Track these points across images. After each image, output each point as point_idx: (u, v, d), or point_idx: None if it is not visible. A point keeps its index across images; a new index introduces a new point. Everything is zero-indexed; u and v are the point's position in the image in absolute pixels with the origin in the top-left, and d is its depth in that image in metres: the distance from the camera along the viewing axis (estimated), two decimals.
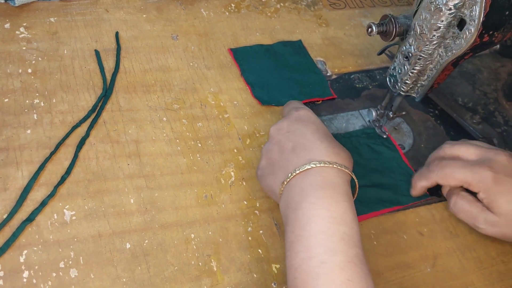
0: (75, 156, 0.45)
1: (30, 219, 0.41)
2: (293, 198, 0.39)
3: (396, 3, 0.75)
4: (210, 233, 0.44)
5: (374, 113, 0.54)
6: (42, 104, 0.48)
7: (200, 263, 0.42)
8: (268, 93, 0.56)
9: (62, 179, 0.44)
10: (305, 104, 0.51)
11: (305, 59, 0.61)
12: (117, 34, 0.57)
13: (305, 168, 0.40)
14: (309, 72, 0.60)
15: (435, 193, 0.52)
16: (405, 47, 0.45)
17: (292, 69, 0.60)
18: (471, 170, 0.45)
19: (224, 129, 0.52)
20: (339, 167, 0.40)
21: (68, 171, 0.44)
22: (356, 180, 0.42)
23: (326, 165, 0.39)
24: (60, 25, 0.56)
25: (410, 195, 0.50)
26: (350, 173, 0.41)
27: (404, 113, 0.55)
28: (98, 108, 0.50)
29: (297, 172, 0.40)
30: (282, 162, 0.42)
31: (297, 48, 0.62)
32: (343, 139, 0.54)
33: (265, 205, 0.47)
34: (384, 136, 0.55)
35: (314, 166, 0.39)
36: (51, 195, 0.42)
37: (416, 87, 0.48)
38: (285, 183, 0.41)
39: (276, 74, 0.59)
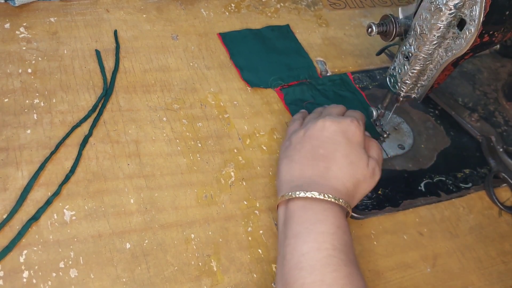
0: (79, 155, 0.46)
1: (35, 217, 0.41)
2: (294, 219, 0.40)
3: (396, 3, 0.75)
4: (210, 233, 0.44)
5: (374, 113, 0.54)
6: (42, 104, 0.48)
7: (200, 263, 0.42)
8: (256, 75, 0.58)
9: (67, 178, 0.44)
10: (293, 85, 0.57)
11: (292, 43, 0.63)
12: (115, 32, 0.57)
13: (316, 197, 0.40)
14: (296, 55, 0.61)
15: (435, 193, 0.52)
16: (405, 47, 0.45)
17: (280, 52, 0.61)
18: None
19: (224, 129, 0.52)
20: (345, 205, 0.41)
21: (73, 170, 0.44)
22: (351, 213, 0.43)
23: (334, 200, 0.40)
24: (60, 25, 0.56)
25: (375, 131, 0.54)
26: (350, 211, 0.42)
27: (397, 104, 0.54)
28: (99, 107, 0.50)
29: (308, 196, 0.40)
30: (302, 161, 0.43)
31: (284, 32, 0.64)
32: (316, 85, 0.58)
33: (265, 205, 0.47)
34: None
35: (323, 198, 0.40)
36: (56, 193, 0.43)
37: (416, 87, 0.48)
38: (293, 196, 0.41)
39: (265, 57, 0.60)
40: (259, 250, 0.44)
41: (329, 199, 0.40)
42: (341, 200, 0.40)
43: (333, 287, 0.36)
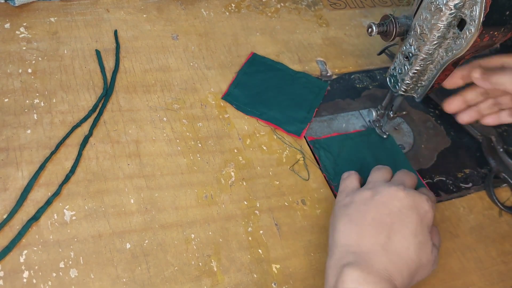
0: (79, 155, 0.46)
1: (35, 217, 0.41)
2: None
3: (396, 3, 0.75)
4: (210, 233, 0.44)
5: (374, 113, 0.54)
6: (42, 104, 0.48)
7: (200, 263, 0.42)
8: (245, 98, 0.54)
9: (67, 178, 0.44)
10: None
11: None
12: (115, 32, 0.57)
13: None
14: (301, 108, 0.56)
15: (436, 193, 0.52)
16: (406, 47, 0.45)
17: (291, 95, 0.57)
18: None
19: (224, 129, 0.52)
20: None
21: (73, 170, 0.44)
22: None
23: None
24: (60, 25, 0.56)
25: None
26: None
27: (404, 112, 0.55)
28: (99, 107, 0.50)
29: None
30: (364, 227, 0.40)
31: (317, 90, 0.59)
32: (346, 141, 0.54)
33: (265, 205, 0.47)
34: (384, 136, 0.55)
35: None
36: (56, 193, 0.43)
37: (416, 87, 0.48)
38: (341, 275, 0.37)
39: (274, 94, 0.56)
40: (259, 250, 0.44)
41: None
42: None
43: None
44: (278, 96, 0.56)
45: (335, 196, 0.50)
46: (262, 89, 0.56)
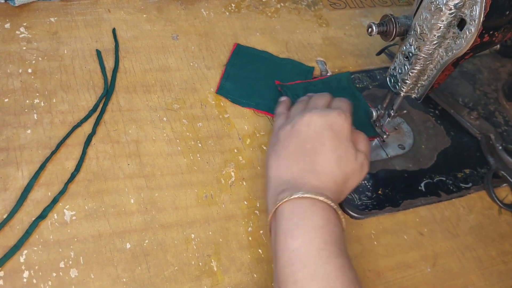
0: (83, 153, 0.46)
1: (42, 216, 0.41)
2: (283, 215, 0.40)
3: (396, 3, 0.75)
4: (210, 233, 0.44)
5: (374, 113, 0.54)
6: (42, 104, 0.48)
7: (200, 263, 0.42)
8: (238, 90, 0.55)
9: (72, 176, 0.44)
10: (289, 85, 0.55)
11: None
12: (114, 30, 0.57)
13: (301, 196, 0.39)
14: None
15: (436, 193, 0.52)
16: (406, 47, 0.45)
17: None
18: None
19: (224, 129, 0.52)
20: (329, 202, 0.40)
21: (78, 168, 0.45)
22: (343, 219, 0.41)
23: (318, 197, 0.39)
24: (60, 25, 0.56)
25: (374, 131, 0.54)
26: (337, 207, 0.41)
27: (405, 111, 0.55)
28: (100, 106, 0.50)
29: (295, 196, 0.39)
30: (289, 157, 0.43)
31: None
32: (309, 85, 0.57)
33: (265, 205, 0.47)
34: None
35: (309, 196, 0.39)
36: (62, 192, 0.43)
37: (416, 87, 0.48)
38: (281, 202, 0.40)
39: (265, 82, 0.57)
40: (260, 250, 0.44)
41: (314, 197, 0.39)
42: (321, 198, 0.39)
43: (325, 280, 0.35)
44: (269, 84, 0.57)
45: None
46: (253, 79, 0.57)
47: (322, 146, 0.43)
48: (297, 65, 0.60)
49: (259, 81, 0.57)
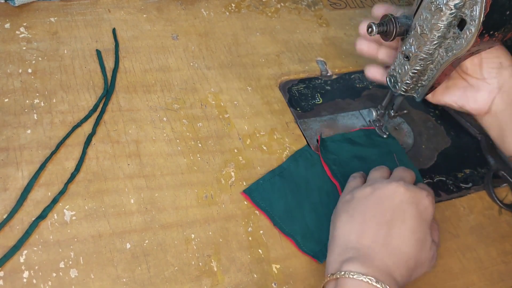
0: (84, 153, 0.46)
1: (42, 216, 0.41)
2: None
3: (396, 3, 0.75)
4: (210, 233, 0.44)
5: (374, 113, 0.54)
6: (42, 104, 0.48)
7: (200, 263, 0.42)
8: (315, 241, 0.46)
9: (72, 176, 0.44)
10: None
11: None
12: (114, 30, 0.57)
13: (370, 282, 0.36)
14: None
15: (436, 193, 0.52)
16: (406, 47, 0.45)
17: None
18: None
19: (224, 129, 0.52)
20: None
21: (78, 168, 0.45)
22: None
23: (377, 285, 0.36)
24: (60, 25, 0.56)
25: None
26: None
27: (405, 111, 0.55)
28: (101, 106, 0.50)
29: (364, 280, 0.36)
30: (364, 222, 0.40)
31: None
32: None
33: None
34: (384, 136, 0.55)
35: (378, 286, 0.36)
36: (62, 192, 0.43)
37: (417, 87, 0.48)
38: (346, 276, 0.37)
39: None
40: (260, 250, 0.44)
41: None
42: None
43: None
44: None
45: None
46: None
47: (402, 223, 0.39)
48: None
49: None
